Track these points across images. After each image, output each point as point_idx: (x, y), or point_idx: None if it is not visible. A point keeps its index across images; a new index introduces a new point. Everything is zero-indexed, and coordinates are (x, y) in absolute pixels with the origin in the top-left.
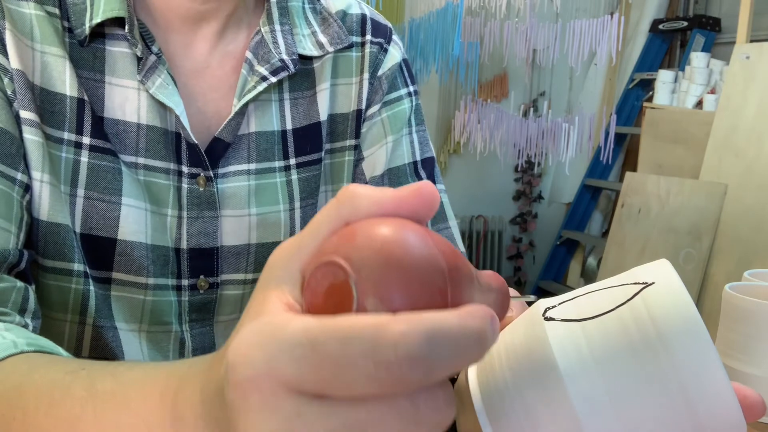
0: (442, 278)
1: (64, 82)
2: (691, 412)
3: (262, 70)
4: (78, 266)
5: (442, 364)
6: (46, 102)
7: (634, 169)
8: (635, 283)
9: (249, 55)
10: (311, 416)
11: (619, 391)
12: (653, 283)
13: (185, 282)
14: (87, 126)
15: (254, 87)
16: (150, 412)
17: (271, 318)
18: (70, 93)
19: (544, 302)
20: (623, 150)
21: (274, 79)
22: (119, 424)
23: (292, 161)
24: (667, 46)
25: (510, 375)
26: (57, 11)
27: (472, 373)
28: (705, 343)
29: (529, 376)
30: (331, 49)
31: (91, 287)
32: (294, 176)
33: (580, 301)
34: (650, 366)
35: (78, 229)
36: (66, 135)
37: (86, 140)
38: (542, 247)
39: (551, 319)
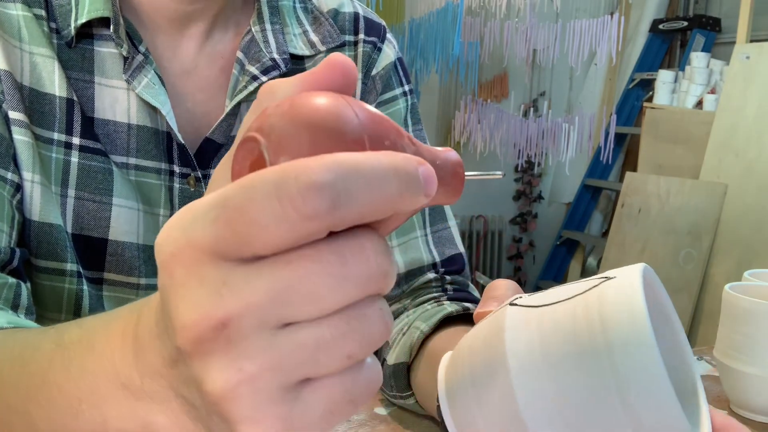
0: (357, 133)
1: (54, 82)
2: (633, 419)
3: (253, 70)
4: (71, 266)
5: (351, 195)
6: (35, 102)
7: (634, 169)
8: (600, 277)
9: (240, 54)
10: (238, 282)
11: (561, 386)
12: (614, 277)
13: None
14: (77, 126)
15: (245, 87)
16: (114, 352)
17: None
18: (59, 93)
19: (521, 295)
20: (623, 150)
21: (265, 79)
22: (86, 370)
23: None
24: (667, 46)
25: (469, 360)
26: (44, 13)
27: (444, 359)
28: (649, 350)
29: (483, 363)
30: (322, 48)
31: (85, 287)
32: None
33: (549, 291)
34: (593, 365)
35: (69, 230)
36: (56, 135)
37: (76, 140)
38: (542, 247)
39: (515, 304)
